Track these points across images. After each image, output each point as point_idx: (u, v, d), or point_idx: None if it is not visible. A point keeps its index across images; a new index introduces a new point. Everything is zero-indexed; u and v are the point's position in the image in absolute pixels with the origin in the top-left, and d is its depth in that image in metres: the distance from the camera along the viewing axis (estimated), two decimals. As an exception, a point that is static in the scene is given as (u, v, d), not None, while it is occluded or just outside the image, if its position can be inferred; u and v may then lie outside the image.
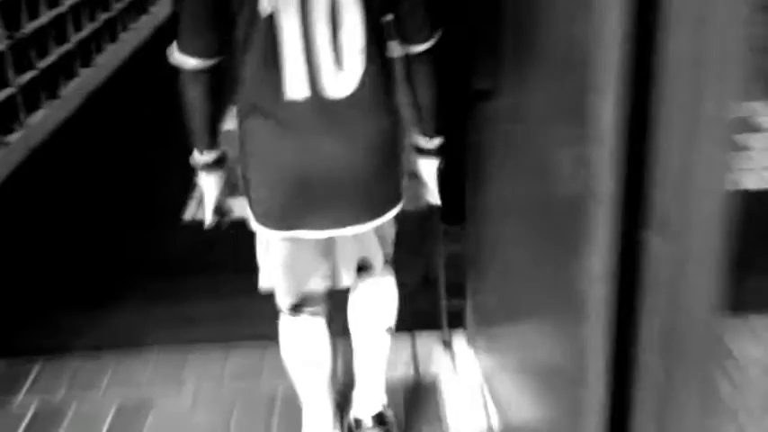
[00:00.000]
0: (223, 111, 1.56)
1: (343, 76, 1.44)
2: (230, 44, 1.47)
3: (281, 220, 1.55)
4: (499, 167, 1.75)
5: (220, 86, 1.51)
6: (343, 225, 1.56)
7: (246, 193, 1.60)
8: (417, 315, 2.46)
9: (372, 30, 1.44)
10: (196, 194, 3.29)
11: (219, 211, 1.69)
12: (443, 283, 2.27)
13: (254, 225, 1.62)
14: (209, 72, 1.47)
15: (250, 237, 1.78)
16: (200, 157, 1.59)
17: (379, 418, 1.90)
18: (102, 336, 2.46)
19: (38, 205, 3.36)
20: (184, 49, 1.47)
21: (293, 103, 1.45)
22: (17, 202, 3.35)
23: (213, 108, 1.52)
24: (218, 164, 1.61)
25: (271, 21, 1.40)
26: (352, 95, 1.46)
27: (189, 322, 2.49)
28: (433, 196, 1.77)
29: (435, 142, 1.68)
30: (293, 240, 1.58)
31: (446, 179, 2.16)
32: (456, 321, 2.33)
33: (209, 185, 1.64)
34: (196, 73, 1.47)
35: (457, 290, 2.28)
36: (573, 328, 1.27)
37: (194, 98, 1.50)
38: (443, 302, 2.29)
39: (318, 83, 1.44)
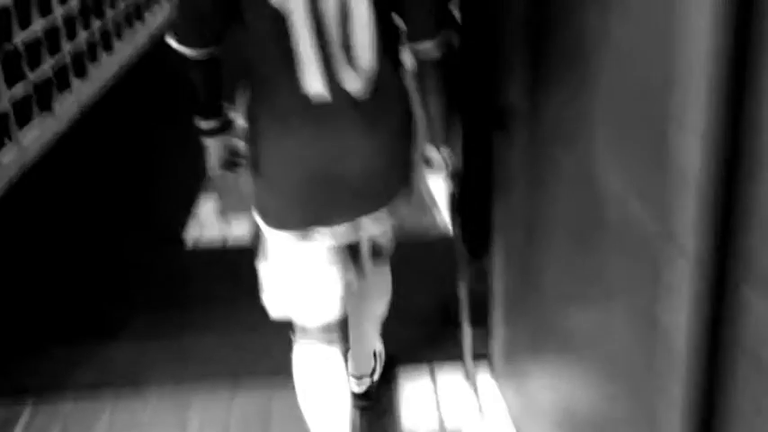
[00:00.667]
0: (223, 86, 1.58)
1: (356, 71, 1.42)
2: (225, 35, 1.47)
3: (299, 218, 1.53)
4: (537, 195, 1.59)
5: (218, 71, 1.53)
6: (359, 221, 1.56)
7: (258, 199, 1.58)
8: (438, 347, 2.30)
9: (383, 24, 1.42)
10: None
11: (225, 164, 1.69)
12: (467, 314, 2.11)
13: (269, 232, 1.59)
14: (205, 60, 1.49)
15: (253, 265, 1.69)
16: (202, 123, 1.61)
17: (366, 395, 2.06)
18: (98, 373, 2.28)
19: (30, 229, 3.18)
20: (178, 38, 1.48)
21: (307, 99, 1.43)
22: (7, 226, 3.17)
23: (213, 86, 1.55)
24: (220, 130, 1.62)
25: (282, 15, 1.37)
26: (366, 89, 1.44)
27: (191, 358, 2.32)
28: (443, 217, 1.65)
29: (444, 155, 1.61)
30: (309, 243, 1.56)
31: (470, 204, 2.02)
32: (480, 355, 2.16)
33: (212, 146, 1.65)
34: (191, 59, 1.48)
35: (481, 321, 2.12)
36: (639, 387, 1.11)
37: (193, 77, 1.53)
38: (467, 334, 2.12)
39: (332, 77, 1.42)
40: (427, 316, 2.46)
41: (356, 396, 2.01)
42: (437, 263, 2.69)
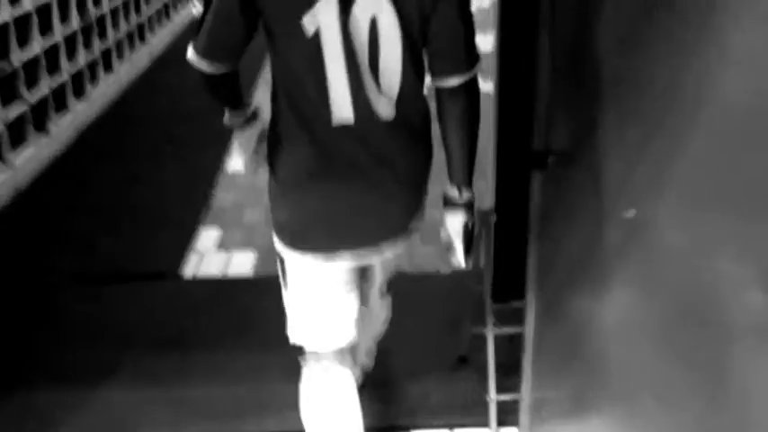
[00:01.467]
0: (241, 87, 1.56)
1: (383, 95, 1.43)
2: (242, 55, 1.46)
3: (325, 241, 1.54)
4: (587, 243, 1.41)
5: (236, 81, 1.52)
6: (380, 246, 1.57)
7: (281, 222, 1.56)
8: (455, 407, 2.10)
9: (411, 55, 1.42)
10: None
11: (259, 154, 1.63)
12: (493, 371, 1.93)
13: (290, 256, 1.57)
14: (222, 74, 1.46)
15: (255, 305, 1.78)
16: (227, 119, 1.60)
17: (362, 386, 1.98)
18: (87, 421, 2.08)
19: (19, 255, 2.99)
20: (199, 52, 1.44)
21: (335, 126, 1.43)
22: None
23: (232, 92, 1.54)
24: (247, 122, 1.60)
25: (313, 40, 1.37)
26: (392, 114, 1.45)
27: (189, 408, 2.12)
28: (459, 257, 1.60)
29: (465, 195, 1.55)
30: (330, 266, 1.55)
31: (501, 246, 1.87)
32: (506, 417, 1.97)
33: (240, 139, 1.62)
34: (209, 75, 1.46)
35: (508, 379, 1.94)
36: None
37: (210, 90, 1.51)
38: (492, 394, 1.94)
39: (361, 102, 1.42)
40: (445, 367, 2.27)
41: None
42: (451, 304, 2.52)
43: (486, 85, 1.73)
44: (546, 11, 1.47)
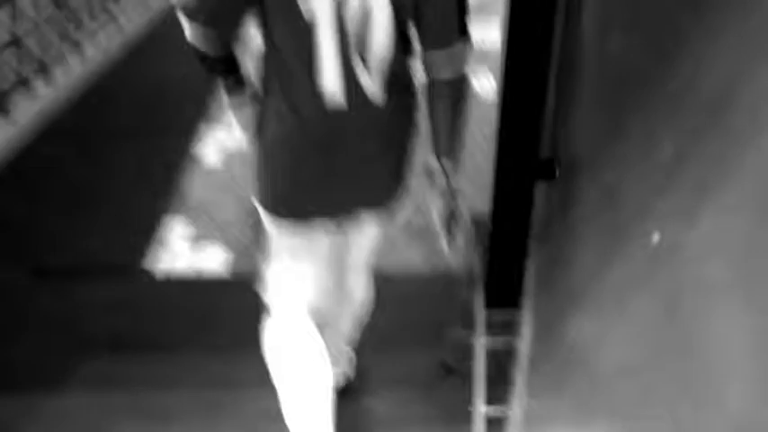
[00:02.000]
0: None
1: (371, 73, 1.46)
2: (237, 37, 1.49)
3: (300, 203, 1.58)
4: (597, 261, 1.34)
5: (234, 63, 1.54)
6: (359, 215, 1.62)
7: (259, 187, 1.60)
8: (437, 418, 2.01)
9: (400, 36, 1.45)
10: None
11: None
12: (482, 381, 1.85)
13: (270, 223, 1.62)
14: (221, 58, 1.50)
15: (226, 305, 1.73)
16: (225, 98, 1.62)
17: (343, 391, 2.04)
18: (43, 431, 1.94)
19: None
20: (198, 21, 1.43)
21: (324, 105, 1.46)
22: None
23: (227, 67, 1.55)
24: (243, 95, 1.61)
25: (308, 24, 1.40)
26: (379, 97, 1.47)
27: (156, 417, 2.00)
28: (440, 238, 1.59)
29: (446, 166, 1.54)
30: (309, 235, 1.61)
31: (496, 254, 1.80)
32: (490, 430, 1.90)
33: (238, 113, 1.63)
34: (207, 56, 1.49)
35: (498, 389, 1.86)
36: None
37: (206, 67, 1.53)
38: (479, 405, 1.86)
39: (351, 86, 1.45)
40: (427, 375, 2.18)
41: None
42: (436, 308, 2.43)
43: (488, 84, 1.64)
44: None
